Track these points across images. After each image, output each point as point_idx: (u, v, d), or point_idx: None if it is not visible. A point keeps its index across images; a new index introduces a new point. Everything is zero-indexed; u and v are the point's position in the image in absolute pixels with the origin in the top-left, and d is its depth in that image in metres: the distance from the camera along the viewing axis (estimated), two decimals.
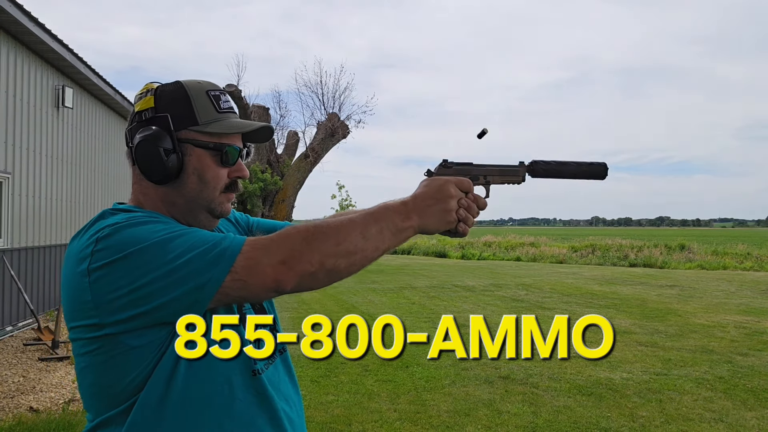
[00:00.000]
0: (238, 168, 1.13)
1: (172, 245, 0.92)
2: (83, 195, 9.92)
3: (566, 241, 30.68)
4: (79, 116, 9.55)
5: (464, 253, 26.75)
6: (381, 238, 1.01)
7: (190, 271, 0.91)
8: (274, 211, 19.22)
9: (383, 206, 1.04)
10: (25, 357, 6.03)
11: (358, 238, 0.98)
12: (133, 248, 0.92)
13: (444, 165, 1.12)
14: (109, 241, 0.93)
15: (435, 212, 1.06)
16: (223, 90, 1.14)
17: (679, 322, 8.65)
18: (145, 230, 0.94)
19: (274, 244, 0.95)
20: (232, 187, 1.13)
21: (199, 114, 1.09)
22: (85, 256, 0.94)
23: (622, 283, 14.60)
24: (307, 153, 19.33)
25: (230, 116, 1.12)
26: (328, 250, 0.95)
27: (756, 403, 4.81)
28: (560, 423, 4.30)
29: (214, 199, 1.11)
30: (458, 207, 1.08)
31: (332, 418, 4.32)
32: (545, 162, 1.14)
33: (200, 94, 1.10)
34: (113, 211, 1.03)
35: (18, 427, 4.02)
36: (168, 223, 1.01)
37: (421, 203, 1.05)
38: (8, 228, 7.15)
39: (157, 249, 0.92)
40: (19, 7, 6.68)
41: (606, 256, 23.74)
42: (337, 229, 0.97)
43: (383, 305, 10.23)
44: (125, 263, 0.91)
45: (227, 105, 1.13)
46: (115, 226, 0.95)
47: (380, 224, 1.01)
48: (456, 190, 1.08)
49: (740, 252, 23.75)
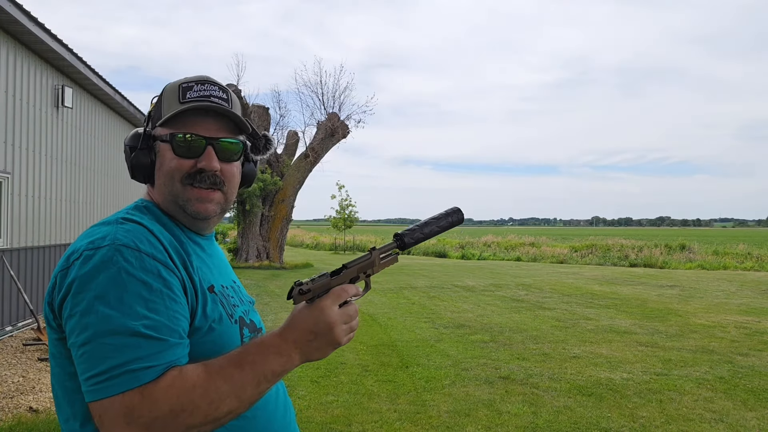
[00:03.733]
0: (202, 157, 1.06)
1: (109, 338, 0.89)
2: (83, 195, 9.91)
3: (566, 241, 30.67)
4: (78, 116, 9.54)
5: (464, 253, 26.73)
6: (257, 391, 0.95)
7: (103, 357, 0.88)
8: (274, 211, 19.21)
9: (261, 351, 0.96)
10: (24, 357, 6.02)
11: (232, 403, 0.92)
12: (88, 303, 0.90)
13: (300, 292, 1.00)
14: (84, 266, 0.93)
15: (319, 346, 0.99)
16: (207, 81, 1.09)
17: (680, 322, 8.65)
18: (113, 291, 0.90)
19: (145, 408, 0.87)
20: (195, 177, 1.06)
21: (164, 109, 1.08)
22: (66, 262, 0.97)
23: (623, 283, 14.59)
24: (307, 153, 19.32)
25: (192, 106, 1.06)
26: (195, 422, 0.89)
27: (756, 403, 4.80)
28: (560, 423, 4.29)
29: (178, 194, 1.07)
30: (343, 330, 1.01)
31: (332, 418, 4.31)
32: (410, 232, 1.14)
33: (172, 88, 1.09)
34: (126, 219, 1.02)
35: (18, 427, 4.01)
36: (147, 279, 0.94)
37: (302, 339, 0.98)
38: (8, 228, 7.14)
39: (101, 324, 0.89)
40: (19, 7, 6.67)
41: (606, 256, 23.73)
42: (210, 401, 0.90)
43: (383, 305, 10.22)
44: (78, 306, 0.91)
45: (198, 94, 1.07)
46: (105, 252, 0.93)
47: (257, 378, 0.94)
48: (337, 315, 0.99)
49: (741, 252, 23.76)
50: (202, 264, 1.09)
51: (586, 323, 8.47)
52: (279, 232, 19.39)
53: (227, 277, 1.19)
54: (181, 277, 0.99)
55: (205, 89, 1.08)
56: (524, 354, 6.44)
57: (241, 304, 1.16)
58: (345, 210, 28.47)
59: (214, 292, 1.07)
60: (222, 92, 1.10)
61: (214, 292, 1.07)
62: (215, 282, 1.10)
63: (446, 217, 1.19)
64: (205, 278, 1.06)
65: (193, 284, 1.02)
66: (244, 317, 1.14)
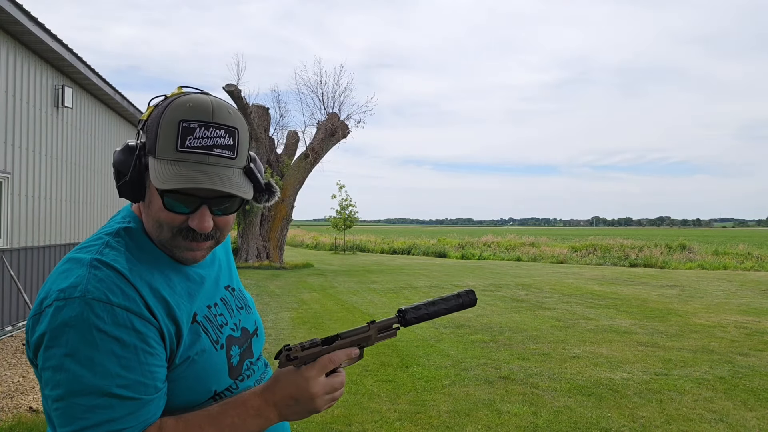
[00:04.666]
0: (193, 217, 0.97)
1: (81, 399, 0.87)
2: (83, 195, 9.91)
3: (566, 241, 30.67)
4: (78, 116, 9.54)
5: (464, 253, 26.73)
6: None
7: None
8: (274, 211, 19.22)
9: (241, 414, 0.96)
10: (24, 357, 6.02)
11: None
12: (58, 360, 0.88)
13: (288, 358, 0.99)
14: (55, 320, 0.89)
15: (298, 411, 0.99)
16: (210, 123, 0.94)
17: (680, 322, 8.65)
18: (85, 349, 0.88)
19: None
20: (188, 234, 0.99)
21: (159, 145, 0.94)
22: (39, 306, 0.93)
23: (623, 283, 14.59)
24: (307, 153, 19.32)
25: (191, 158, 0.93)
26: None
27: (756, 403, 4.80)
28: (560, 423, 4.29)
29: (168, 241, 1.00)
30: (324, 401, 1.00)
31: (332, 418, 4.31)
32: (415, 309, 1.10)
33: (171, 122, 0.94)
34: (100, 262, 0.95)
35: (18, 427, 4.01)
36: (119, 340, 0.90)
37: (282, 403, 0.98)
38: (8, 228, 7.14)
39: (72, 383, 0.88)
40: (19, 7, 6.68)
41: (606, 256, 23.73)
42: None
43: (383, 305, 10.22)
44: (49, 361, 0.89)
45: (199, 143, 0.93)
46: (75, 305, 0.89)
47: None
48: (321, 387, 0.99)
49: (741, 252, 23.76)
50: (190, 291, 1.05)
51: (586, 323, 8.47)
52: (279, 232, 19.39)
53: (219, 289, 1.14)
54: (159, 326, 0.95)
55: (209, 136, 0.94)
56: (524, 354, 6.44)
57: (231, 318, 1.12)
58: (345, 210, 28.48)
59: (196, 321, 1.03)
60: (228, 136, 0.95)
61: (197, 322, 1.03)
62: (200, 307, 1.06)
63: (456, 298, 1.13)
64: (191, 308, 1.03)
65: (176, 326, 0.98)
66: (233, 333, 1.11)
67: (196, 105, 0.95)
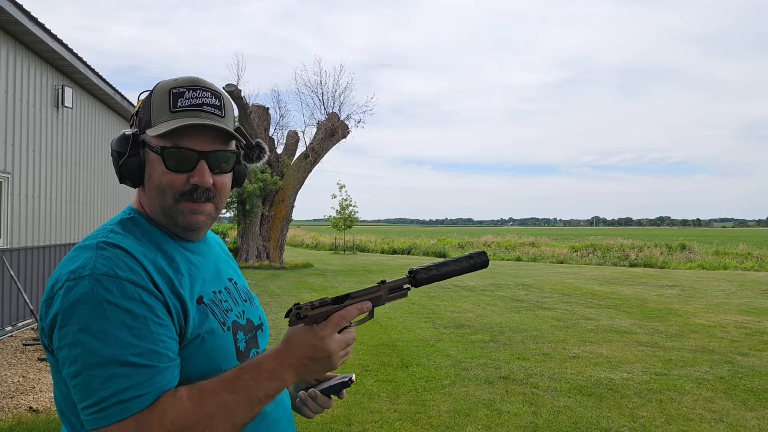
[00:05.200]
0: (194, 172, 1.03)
1: (99, 370, 0.90)
2: (83, 195, 9.91)
3: (566, 241, 30.67)
4: (78, 116, 9.54)
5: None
6: (251, 414, 0.97)
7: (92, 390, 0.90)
8: (274, 211, 19.21)
9: (256, 376, 0.97)
10: (24, 357, 6.02)
11: (226, 426, 0.94)
12: (73, 336, 0.91)
13: (298, 316, 1.00)
14: (67, 299, 0.92)
15: (314, 369, 1.01)
16: (199, 86, 1.05)
17: (680, 322, 8.65)
18: (97, 322, 0.90)
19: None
20: (190, 194, 1.04)
21: (153, 115, 1.04)
22: (50, 291, 0.96)
23: (623, 283, 14.60)
24: (307, 153, 19.32)
25: (186, 115, 1.02)
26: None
27: (756, 403, 4.80)
28: (560, 423, 4.29)
29: (171, 207, 1.05)
30: (340, 357, 1.02)
31: (332, 418, 4.31)
32: (426, 269, 1.10)
33: (161, 93, 1.04)
34: (106, 243, 0.99)
35: (18, 427, 4.01)
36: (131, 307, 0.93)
37: (298, 364, 0.99)
38: (8, 228, 7.14)
39: (88, 356, 0.90)
40: (19, 7, 6.68)
41: (606, 256, 23.73)
42: (204, 426, 0.92)
43: (383, 305, 10.21)
44: (64, 339, 0.92)
45: (189, 102, 1.03)
46: (85, 282, 0.92)
47: (251, 402, 0.96)
48: (337, 344, 1.00)
49: (741, 252, 23.75)
50: (192, 274, 1.08)
51: (586, 323, 8.47)
52: (279, 232, 19.39)
53: (222, 279, 1.17)
54: (164, 300, 0.98)
55: (197, 96, 1.04)
56: (524, 354, 6.44)
57: (236, 306, 1.15)
58: (345, 210, 28.48)
59: (203, 303, 1.06)
60: (214, 98, 1.06)
61: (204, 303, 1.06)
62: (205, 291, 1.08)
63: (468, 259, 1.13)
64: (194, 290, 1.05)
65: (181, 301, 1.01)
66: (239, 320, 1.13)
67: (182, 78, 1.07)
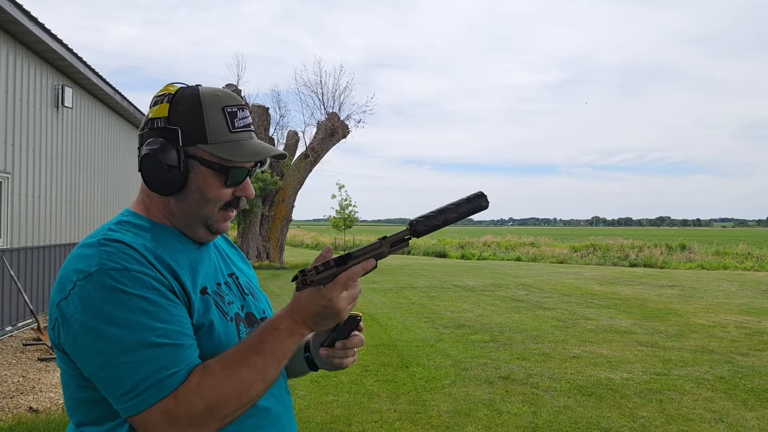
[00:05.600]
0: (242, 187, 1.11)
1: (125, 354, 0.92)
2: (83, 195, 9.91)
3: (566, 241, 30.68)
4: (78, 116, 9.54)
5: (464, 253, 26.74)
6: (279, 370, 1.02)
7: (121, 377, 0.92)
8: (274, 211, 19.21)
9: (276, 337, 1.01)
10: (24, 357, 6.02)
11: (259, 386, 0.99)
12: (96, 331, 0.93)
13: (304, 282, 1.03)
14: (82, 296, 0.94)
15: (326, 324, 1.05)
16: (242, 105, 1.11)
17: (680, 322, 8.65)
18: (116, 311, 0.93)
19: (181, 409, 0.92)
20: (233, 204, 1.12)
21: (211, 133, 1.06)
22: (61, 292, 0.97)
23: (623, 283, 14.60)
24: (307, 153, 19.32)
25: (243, 137, 1.09)
26: (229, 411, 0.96)
27: (756, 403, 4.80)
28: (560, 423, 4.29)
29: (212, 216, 1.10)
30: (347, 310, 1.05)
31: (332, 418, 4.31)
32: (425, 219, 1.07)
33: (215, 110, 1.07)
34: (107, 239, 1.01)
35: (18, 427, 4.01)
36: (144, 287, 0.96)
37: (310, 320, 1.03)
38: (8, 228, 7.14)
39: (114, 346, 0.92)
40: (19, 7, 6.67)
41: (606, 256, 23.74)
42: (239, 390, 0.96)
43: (383, 305, 10.22)
44: (86, 335, 0.93)
45: (243, 123, 1.10)
46: (95, 278, 0.94)
47: (278, 359, 1.01)
48: (345, 301, 1.03)
49: (741, 252, 23.75)
50: (194, 266, 1.09)
51: (586, 323, 8.47)
52: (279, 232, 19.39)
53: (224, 273, 1.20)
54: (171, 287, 1.01)
55: (246, 116, 1.11)
56: (524, 354, 6.44)
57: (237, 300, 1.17)
58: (345, 210, 28.48)
59: (207, 294, 1.08)
60: (249, 114, 1.13)
61: (207, 294, 1.08)
62: (208, 283, 1.11)
63: (467, 203, 1.08)
64: (196, 282, 1.07)
65: (184, 290, 1.03)
66: (240, 313, 1.15)
67: (225, 93, 1.10)
